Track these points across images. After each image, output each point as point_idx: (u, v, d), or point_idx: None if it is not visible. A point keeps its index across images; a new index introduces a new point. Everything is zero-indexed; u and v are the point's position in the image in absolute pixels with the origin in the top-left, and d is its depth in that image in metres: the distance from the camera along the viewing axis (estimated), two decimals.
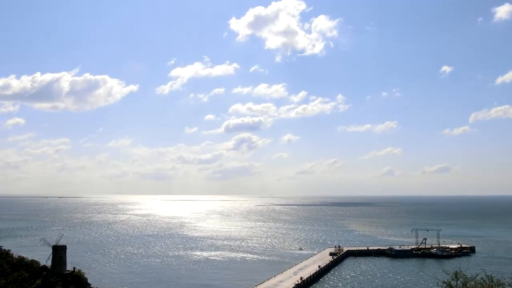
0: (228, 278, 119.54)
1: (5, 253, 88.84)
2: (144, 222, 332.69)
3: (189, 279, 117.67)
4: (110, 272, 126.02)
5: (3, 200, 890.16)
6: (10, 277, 75.64)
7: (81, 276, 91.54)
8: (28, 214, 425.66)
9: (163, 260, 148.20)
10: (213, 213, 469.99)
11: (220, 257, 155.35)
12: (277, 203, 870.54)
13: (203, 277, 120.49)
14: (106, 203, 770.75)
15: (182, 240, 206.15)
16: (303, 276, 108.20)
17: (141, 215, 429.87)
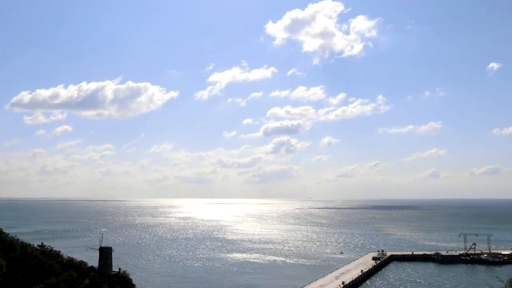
0: (268, 281, 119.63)
1: (56, 254, 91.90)
2: (185, 225, 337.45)
3: (230, 282, 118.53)
4: (153, 274, 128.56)
5: (53, 204, 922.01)
6: (60, 277, 78.55)
7: (126, 277, 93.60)
8: (76, 217, 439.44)
9: (204, 262, 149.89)
10: (251, 216, 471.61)
11: (260, 260, 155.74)
12: (316, 206, 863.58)
13: (244, 279, 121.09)
14: (148, 207, 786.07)
15: (222, 243, 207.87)
16: (345, 280, 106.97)
17: (182, 218, 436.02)
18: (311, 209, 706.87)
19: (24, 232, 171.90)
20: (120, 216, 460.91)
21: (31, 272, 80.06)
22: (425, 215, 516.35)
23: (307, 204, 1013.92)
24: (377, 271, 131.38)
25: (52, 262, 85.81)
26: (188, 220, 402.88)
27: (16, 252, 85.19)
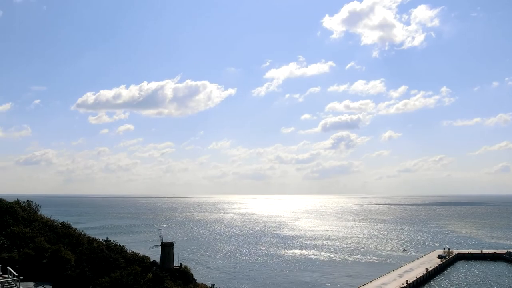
0: (328, 278, 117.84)
1: (120, 248, 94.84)
2: (243, 221, 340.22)
3: (289, 278, 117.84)
4: (213, 269, 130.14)
5: (117, 200, 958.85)
6: (125, 271, 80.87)
7: (188, 272, 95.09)
8: (138, 213, 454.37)
9: (263, 258, 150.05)
10: (310, 213, 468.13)
11: (319, 256, 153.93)
12: (377, 202, 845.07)
13: (303, 276, 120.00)
14: (207, 203, 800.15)
15: (280, 239, 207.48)
16: (408, 279, 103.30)
17: (241, 214, 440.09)
18: (371, 205, 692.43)
19: (90, 227, 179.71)
20: (180, 212, 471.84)
21: (97, 265, 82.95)
22: (495, 211, 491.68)
23: (367, 200, 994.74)
24: (443, 270, 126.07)
25: (117, 256, 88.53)
26: (247, 216, 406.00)
27: (83, 246, 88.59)
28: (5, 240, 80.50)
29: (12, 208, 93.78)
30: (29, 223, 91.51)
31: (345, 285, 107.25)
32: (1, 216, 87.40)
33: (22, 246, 79.64)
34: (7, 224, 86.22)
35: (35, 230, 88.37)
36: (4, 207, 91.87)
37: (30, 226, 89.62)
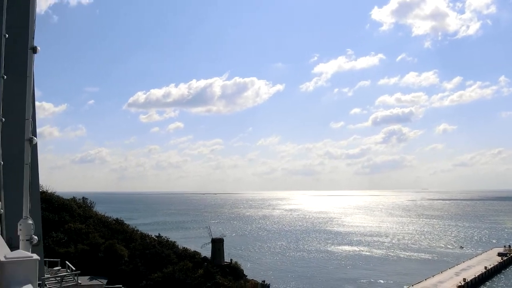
0: (381, 275, 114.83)
1: (172, 244, 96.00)
2: (293, 217, 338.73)
3: (341, 275, 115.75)
4: (263, 265, 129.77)
5: (167, 197, 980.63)
6: (176, 266, 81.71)
7: (238, 268, 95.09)
8: (188, 209, 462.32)
9: (313, 254, 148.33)
10: (361, 209, 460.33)
11: (371, 253, 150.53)
12: (430, 198, 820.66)
13: (355, 273, 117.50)
14: (256, 199, 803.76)
15: (330, 235, 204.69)
16: (466, 277, 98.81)
17: (290, 210, 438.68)
18: (424, 201, 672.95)
19: (142, 223, 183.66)
20: (230, 208, 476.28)
21: (149, 261, 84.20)
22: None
23: (420, 196, 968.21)
24: (504, 268, 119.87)
25: (169, 252, 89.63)
26: (296, 212, 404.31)
27: (136, 242, 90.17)
28: (62, 235, 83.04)
29: (68, 205, 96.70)
30: (85, 220, 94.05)
31: (399, 283, 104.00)
32: (59, 213, 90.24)
33: (78, 241, 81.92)
34: (64, 220, 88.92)
35: (90, 226, 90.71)
36: (61, 204, 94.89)
37: (86, 223, 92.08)
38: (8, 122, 14.46)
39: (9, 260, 2.38)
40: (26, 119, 5.53)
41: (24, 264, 2.37)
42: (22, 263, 2.27)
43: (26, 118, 5.53)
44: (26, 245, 5.20)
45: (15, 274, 2.32)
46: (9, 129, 15.71)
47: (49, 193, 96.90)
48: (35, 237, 5.27)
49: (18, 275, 2.32)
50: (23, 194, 5.51)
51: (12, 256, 2.32)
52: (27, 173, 5.61)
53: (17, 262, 2.27)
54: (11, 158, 15.56)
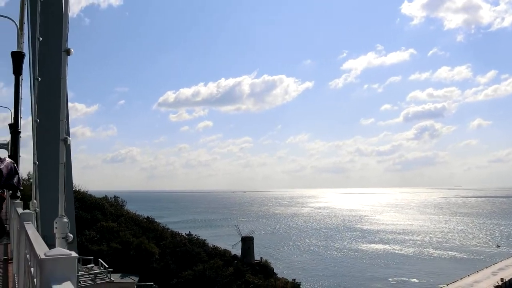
0: (414, 274, 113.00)
1: (202, 242, 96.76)
2: (322, 215, 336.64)
3: (372, 273, 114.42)
4: (293, 263, 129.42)
5: (197, 195, 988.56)
6: (207, 264, 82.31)
7: (268, 266, 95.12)
8: (218, 207, 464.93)
9: (344, 253, 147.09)
10: (392, 206, 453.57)
11: (403, 251, 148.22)
12: (464, 195, 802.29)
13: (387, 272, 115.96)
14: (286, 197, 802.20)
15: (361, 233, 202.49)
16: (504, 277, 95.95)
17: (320, 208, 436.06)
18: (457, 198, 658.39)
19: (173, 222, 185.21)
20: (259, 206, 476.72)
21: (180, 259, 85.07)
22: None
23: (453, 193, 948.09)
24: None
25: (199, 250, 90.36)
26: (326, 210, 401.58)
27: (167, 240, 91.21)
28: (95, 234, 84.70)
29: (100, 203, 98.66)
30: (116, 218, 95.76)
31: (433, 282, 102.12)
32: (91, 211, 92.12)
33: (110, 239, 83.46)
34: (97, 218, 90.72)
35: (122, 224, 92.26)
36: (93, 203, 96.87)
37: (117, 221, 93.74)
38: (43, 123, 14.81)
39: (49, 257, 2.44)
40: (60, 119, 5.62)
41: (63, 262, 2.43)
42: (61, 260, 2.33)
43: (61, 118, 5.62)
44: (62, 243, 5.29)
45: (54, 271, 2.38)
46: (43, 130, 16.12)
47: (82, 192, 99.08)
48: (70, 235, 5.37)
49: (58, 272, 2.37)
50: (59, 193, 5.61)
51: (51, 253, 2.42)
52: (63, 172, 5.71)
53: (57, 260, 2.34)
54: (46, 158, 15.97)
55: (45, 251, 3.00)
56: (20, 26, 19.52)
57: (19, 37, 17.61)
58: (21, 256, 7.00)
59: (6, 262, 14.10)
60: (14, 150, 18.24)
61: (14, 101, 20.04)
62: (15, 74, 16.90)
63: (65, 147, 5.70)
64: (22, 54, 16.83)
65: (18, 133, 17.28)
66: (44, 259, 2.46)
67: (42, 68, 13.80)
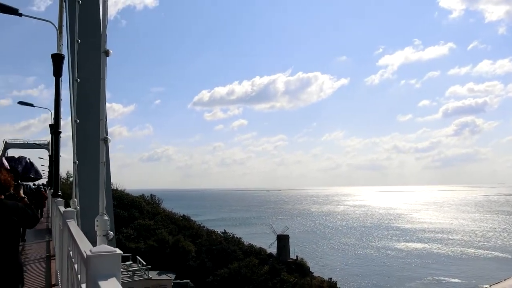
0: (455, 273, 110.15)
1: (237, 241, 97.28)
2: (359, 213, 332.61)
3: (410, 273, 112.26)
4: (329, 262, 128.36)
5: (232, 193, 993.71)
6: (242, 262, 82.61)
7: (304, 265, 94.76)
8: (253, 205, 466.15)
9: (381, 252, 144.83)
10: (430, 204, 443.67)
11: (443, 251, 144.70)
12: (508, 192, 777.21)
13: (425, 271, 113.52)
14: (321, 195, 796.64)
15: (398, 232, 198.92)
16: None
17: (356, 206, 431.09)
18: (500, 196, 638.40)
19: (208, 220, 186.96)
20: (295, 205, 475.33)
21: (216, 257, 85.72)
22: None
23: (496, 191, 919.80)
24: None
25: (234, 248, 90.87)
26: (362, 208, 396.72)
27: (203, 238, 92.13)
28: (132, 231, 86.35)
29: (138, 202, 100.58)
30: (153, 216, 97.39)
31: (475, 283, 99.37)
32: (129, 209, 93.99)
33: (147, 237, 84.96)
34: (134, 217, 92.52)
35: (158, 222, 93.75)
36: (131, 201, 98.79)
37: (154, 219, 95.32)
38: (82, 123, 15.16)
39: (94, 254, 2.50)
40: (100, 119, 5.71)
41: (109, 258, 2.49)
42: (107, 257, 2.46)
43: (101, 118, 5.71)
44: (103, 240, 5.37)
45: (100, 267, 2.43)
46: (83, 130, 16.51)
47: (120, 191, 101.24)
48: (110, 232, 5.45)
49: (103, 268, 2.42)
50: (99, 192, 5.70)
51: (97, 250, 2.49)
52: (103, 171, 5.80)
53: (102, 256, 2.46)
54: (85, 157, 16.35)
55: (90, 248, 3.05)
56: (59, 29, 20.04)
57: (58, 39, 18.08)
58: (64, 253, 7.16)
59: (49, 258, 14.51)
60: (55, 150, 18.73)
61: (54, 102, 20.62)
62: (55, 76, 17.35)
63: (105, 146, 5.80)
64: (62, 56, 17.26)
65: (58, 133, 17.74)
66: (90, 255, 2.50)
67: (81, 70, 14.11)
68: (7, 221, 5.07)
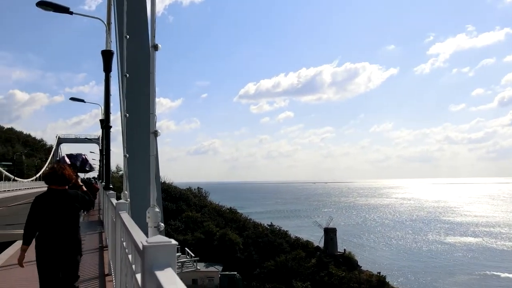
0: (510, 269, 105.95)
1: (284, 233, 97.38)
2: (408, 206, 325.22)
3: (462, 267, 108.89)
4: (378, 256, 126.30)
5: (278, 186, 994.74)
6: (289, 255, 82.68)
7: (352, 258, 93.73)
8: (299, 198, 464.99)
9: (433, 246, 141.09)
10: (485, 197, 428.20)
11: (498, 245, 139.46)
12: None
13: (479, 266, 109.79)
14: (369, 187, 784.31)
15: (451, 226, 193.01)
16: None
17: (405, 199, 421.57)
18: None
19: (255, 212, 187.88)
20: (342, 197, 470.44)
21: (262, 249, 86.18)
22: None
23: None
24: None
25: (281, 241, 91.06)
26: (412, 201, 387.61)
27: (249, 230, 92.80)
28: (180, 224, 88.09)
29: (185, 195, 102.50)
30: (200, 209, 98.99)
31: None
32: (176, 202, 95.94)
33: (194, 229, 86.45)
34: (182, 209, 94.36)
35: (205, 215, 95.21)
36: (178, 194, 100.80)
37: (201, 211, 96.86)
38: (131, 118, 15.49)
39: (151, 244, 2.52)
40: (151, 113, 5.81)
41: (165, 249, 2.52)
42: (163, 247, 2.49)
43: (151, 112, 5.81)
44: (154, 232, 5.43)
45: (156, 258, 2.46)
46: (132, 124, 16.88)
47: (167, 184, 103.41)
48: (161, 224, 5.53)
49: (159, 258, 2.45)
50: (150, 184, 5.77)
51: (153, 241, 2.52)
52: (153, 164, 5.89)
53: (159, 247, 2.49)
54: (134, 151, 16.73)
55: (145, 238, 3.07)
56: (108, 26, 20.52)
57: (107, 36, 18.52)
58: (117, 243, 7.32)
59: (102, 249, 14.97)
60: (106, 144, 19.28)
61: (104, 97, 21.18)
62: (105, 71, 17.80)
63: (155, 139, 5.86)
64: (111, 52, 17.67)
65: (109, 128, 18.24)
66: (146, 246, 2.53)
67: (129, 65, 14.40)
68: (70, 207, 6.87)
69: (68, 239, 6.77)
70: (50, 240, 6.63)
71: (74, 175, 7.72)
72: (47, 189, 7.02)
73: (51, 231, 6.66)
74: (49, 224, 6.66)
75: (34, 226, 6.71)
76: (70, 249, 6.80)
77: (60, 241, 6.68)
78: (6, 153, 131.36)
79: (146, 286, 2.57)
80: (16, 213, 34.87)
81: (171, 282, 2.19)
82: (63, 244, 6.68)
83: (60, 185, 6.96)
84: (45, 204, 6.75)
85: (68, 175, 7.07)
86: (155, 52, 6.02)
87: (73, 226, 6.95)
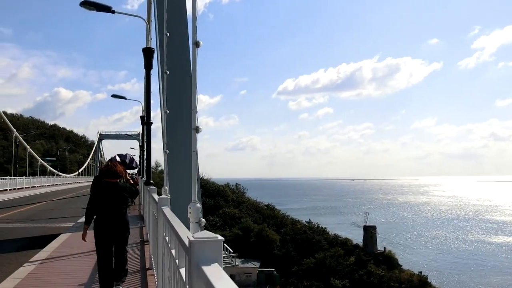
0: None
1: (322, 230, 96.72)
2: (451, 204, 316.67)
3: (508, 269, 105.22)
4: (419, 255, 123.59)
5: (316, 183, 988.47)
6: (327, 252, 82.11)
7: (392, 257, 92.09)
8: (338, 195, 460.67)
9: (476, 246, 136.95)
10: None
11: None
12: None
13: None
14: (410, 185, 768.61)
15: (495, 225, 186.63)
16: None
17: (448, 196, 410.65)
18: None
19: (292, 209, 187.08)
20: (381, 195, 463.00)
21: (300, 246, 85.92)
22: None
23: None
24: None
25: (319, 238, 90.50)
26: (455, 199, 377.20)
27: (287, 227, 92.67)
28: (218, 219, 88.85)
29: (223, 190, 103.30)
30: (238, 205, 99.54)
31: None
32: (214, 198, 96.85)
33: (232, 225, 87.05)
34: (219, 205, 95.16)
35: (243, 211, 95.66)
36: (216, 190, 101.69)
37: (239, 208, 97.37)
38: (172, 114, 15.67)
39: (197, 239, 2.55)
40: (192, 109, 5.89)
41: (211, 244, 2.54)
42: (209, 242, 2.53)
43: (192, 108, 5.89)
44: (195, 227, 5.45)
45: (202, 253, 2.48)
46: (173, 121, 17.08)
47: (206, 180, 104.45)
48: (203, 219, 5.59)
49: (206, 253, 2.47)
50: (192, 180, 5.82)
51: (199, 236, 2.56)
52: (195, 160, 5.96)
53: (205, 242, 2.53)
54: (175, 147, 16.94)
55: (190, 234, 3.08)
56: (149, 23, 20.84)
57: (148, 33, 18.79)
58: (159, 238, 7.41)
59: (143, 243, 15.24)
60: (147, 140, 19.59)
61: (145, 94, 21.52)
62: (146, 69, 18.07)
63: (196, 135, 5.89)
64: (152, 49, 17.92)
65: (149, 124, 18.53)
66: (193, 241, 2.55)
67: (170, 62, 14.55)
68: (120, 196, 8.69)
69: (119, 220, 8.63)
70: (105, 221, 8.47)
71: (124, 172, 9.60)
72: (103, 181, 8.74)
73: (105, 214, 8.50)
74: (104, 209, 8.52)
75: (92, 210, 8.61)
76: (121, 228, 8.67)
77: (112, 221, 8.50)
78: (50, 149, 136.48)
79: (193, 281, 2.59)
80: (60, 207, 36.09)
81: (218, 277, 2.19)
82: (115, 224, 8.53)
83: (112, 179, 8.69)
84: (101, 193, 8.58)
85: (120, 171, 8.80)
86: (197, 49, 6.04)
87: (123, 210, 8.83)
